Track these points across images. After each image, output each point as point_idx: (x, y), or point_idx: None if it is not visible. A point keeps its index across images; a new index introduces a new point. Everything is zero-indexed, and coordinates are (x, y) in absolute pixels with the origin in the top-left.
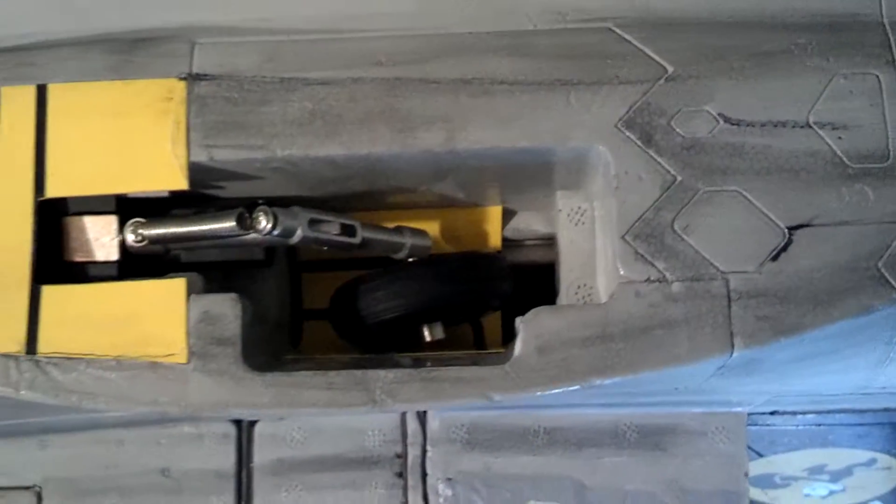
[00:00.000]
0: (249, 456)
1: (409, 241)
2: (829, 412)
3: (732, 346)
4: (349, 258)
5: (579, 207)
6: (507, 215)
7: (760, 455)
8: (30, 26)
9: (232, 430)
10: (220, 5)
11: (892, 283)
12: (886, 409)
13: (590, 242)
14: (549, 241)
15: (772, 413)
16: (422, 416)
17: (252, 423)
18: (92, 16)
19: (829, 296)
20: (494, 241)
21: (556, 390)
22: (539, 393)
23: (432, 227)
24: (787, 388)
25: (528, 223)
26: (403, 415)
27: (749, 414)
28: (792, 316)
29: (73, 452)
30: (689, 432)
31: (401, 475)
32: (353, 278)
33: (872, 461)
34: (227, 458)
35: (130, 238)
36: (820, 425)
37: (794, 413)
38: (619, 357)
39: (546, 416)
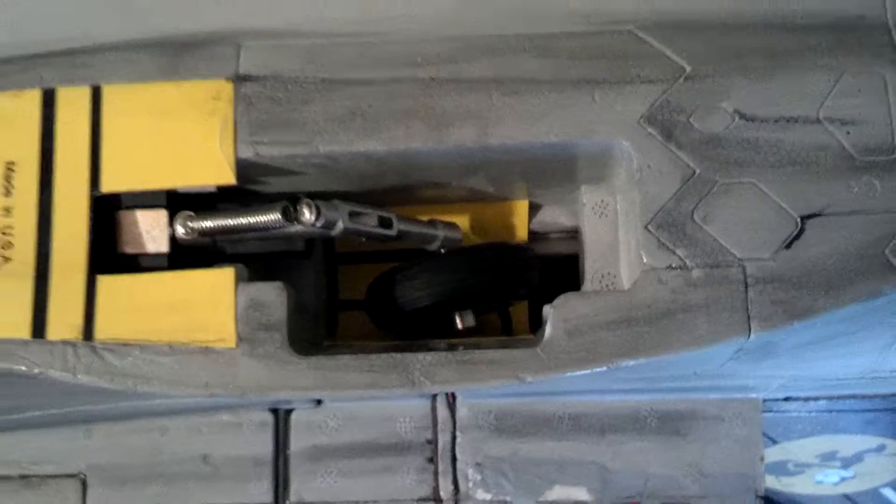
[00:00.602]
0: (286, 443)
1: (441, 233)
2: (839, 398)
3: (749, 329)
4: (383, 251)
5: (602, 200)
6: (534, 209)
7: (775, 442)
8: (84, 30)
9: (269, 418)
10: (263, 11)
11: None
12: (895, 395)
13: (612, 234)
14: (574, 234)
15: (785, 399)
16: (451, 404)
17: (288, 412)
18: (143, 21)
19: (840, 281)
20: (521, 233)
21: (585, 371)
22: (569, 374)
23: (462, 221)
24: (800, 372)
25: (554, 216)
26: (434, 402)
27: (763, 400)
28: (805, 300)
29: (118, 441)
30: (706, 418)
31: (431, 460)
32: (390, 268)
33: (882, 447)
34: (264, 446)
35: (180, 231)
36: (831, 411)
37: (807, 399)
38: (644, 339)
39: (570, 403)
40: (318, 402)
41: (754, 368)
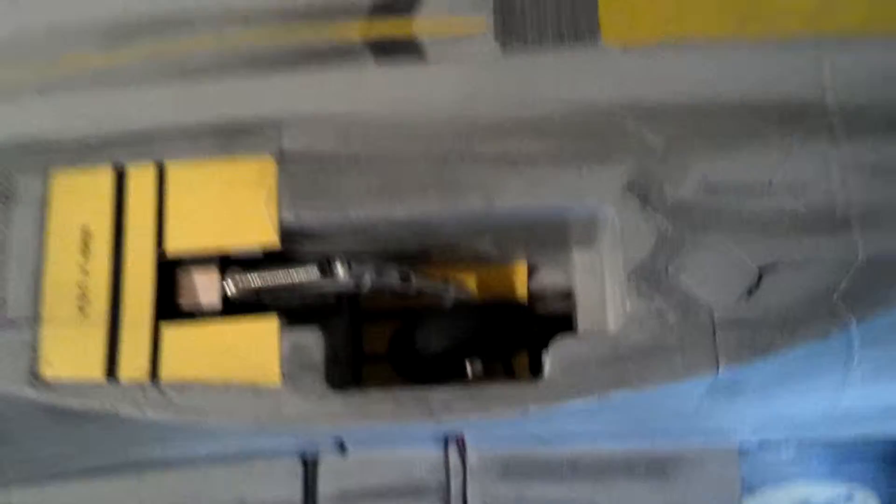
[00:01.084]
0: (315, 488)
1: (452, 290)
2: (810, 444)
3: (718, 365)
4: (401, 310)
5: (591, 261)
6: (532, 271)
7: (752, 489)
8: (151, 117)
9: (299, 466)
10: (301, 100)
11: (844, 313)
12: (862, 441)
13: (601, 290)
14: (568, 293)
15: (760, 446)
16: (462, 451)
17: (316, 461)
18: (200, 110)
19: (794, 323)
20: (521, 292)
21: (580, 402)
22: (566, 405)
23: (469, 281)
24: (768, 412)
25: (550, 277)
26: (446, 450)
27: (740, 447)
28: (765, 339)
29: (165, 486)
30: (689, 462)
31: (447, 502)
32: (411, 321)
33: (850, 496)
34: (295, 491)
35: (231, 288)
36: (802, 458)
37: (779, 445)
38: (629, 374)
39: (569, 451)
40: (343, 449)
41: (727, 408)
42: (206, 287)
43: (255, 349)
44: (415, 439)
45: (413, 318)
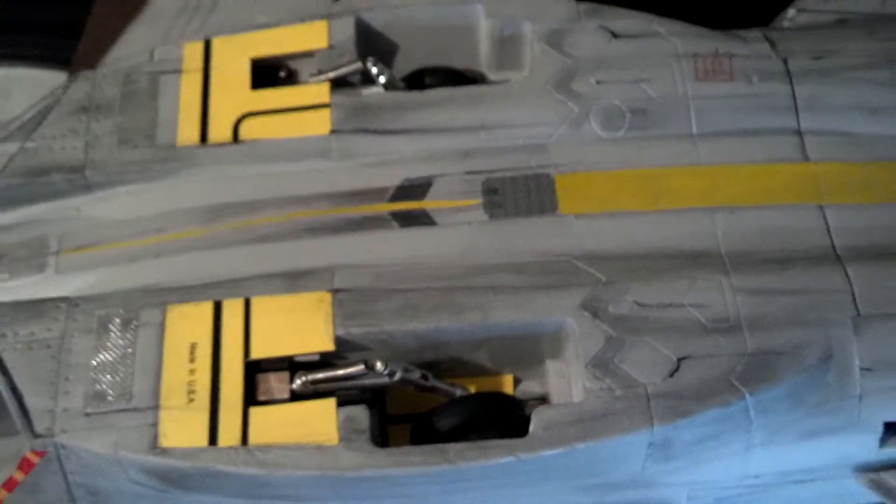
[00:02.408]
0: None
1: (459, 389)
2: None
3: (653, 423)
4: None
5: (560, 369)
6: (516, 382)
7: None
8: (239, 268)
9: None
10: (346, 255)
11: (740, 388)
12: None
13: (568, 390)
14: (544, 398)
15: None
16: None
17: None
18: (275, 262)
19: (704, 395)
20: None
21: (558, 451)
22: (546, 453)
23: (470, 387)
24: (696, 476)
25: (530, 386)
26: None
27: None
28: (684, 406)
29: None
30: None
31: None
32: (428, 412)
33: None
34: None
35: (298, 384)
36: None
37: None
38: (590, 430)
39: None
40: None
41: (665, 471)
42: (278, 384)
43: (318, 421)
44: None
45: (429, 412)
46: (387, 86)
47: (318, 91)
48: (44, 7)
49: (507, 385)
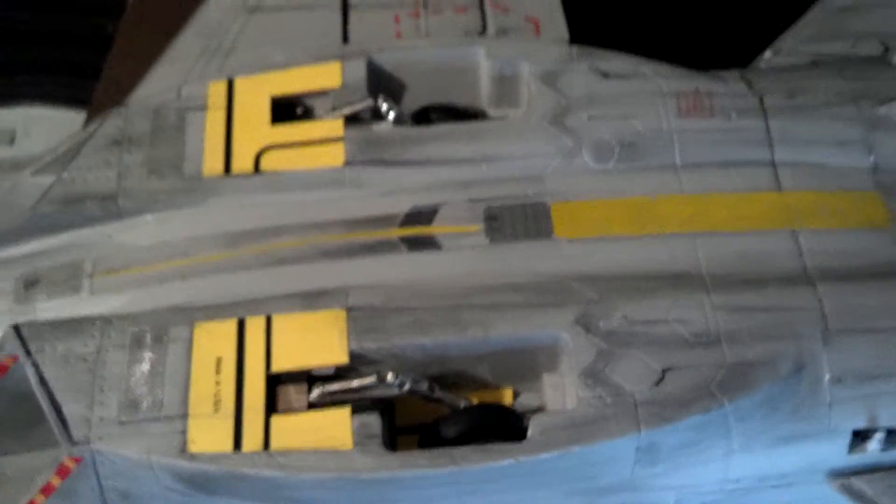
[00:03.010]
0: None
1: (463, 401)
2: None
3: (640, 427)
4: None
5: (556, 382)
6: (515, 395)
7: None
8: (260, 288)
9: None
10: (360, 276)
11: (720, 397)
12: None
13: (563, 402)
14: (541, 409)
15: None
16: None
17: None
18: (294, 283)
19: (686, 403)
20: None
21: (554, 453)
22: (544, 455)
23: (473, 399)
24: (683, 481)
25: (528, 399)
26: None
27: None
28: (668, 412)
29: None
30: None
31: None
32: (435, 419)
33: None
34: None
35: (315, 395)
36: None
37: None
38: (583, 434)
39: None
40: None
41: (653, 475)
42: (297, 395)
43: (334, 427)
44: None
45: (435, 421)
46: (396, 121)
47: (332, 126)
48: (63, 49)
49: (507, 398)
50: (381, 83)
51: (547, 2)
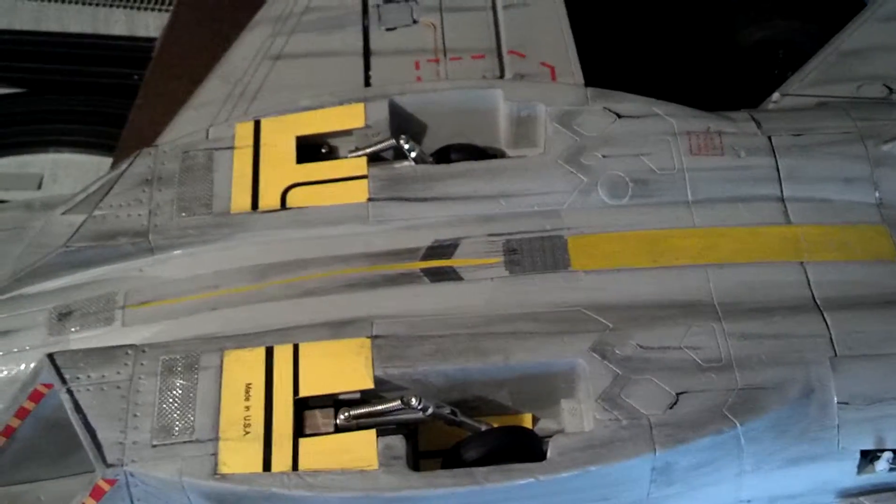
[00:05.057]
0: None
1: (483, 426)
2: None
3: (654, 448)
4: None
5: (573, 407)
6: (534, 421)
7: None
8: (287, 319)
9: None
10: (383, 307)
11: (732, 419)
12: None
13: (581, 425)
14: (559, 432)
15: None
16: None
17: None
18: (319, 314)
19: (700, 425)
20: None
21: (572, 472)
22: (562, 475)
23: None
24: (695, 501)
25: (546, 424)
26: None
27: None
28: (682, 434)
29: None
30: None
31: None
32: (457, 442)
33: None
34: None
35: (341, 419)
36: None
37: None
38: (600, 454)
39: None
40: None
41: (667, 496)
42: (323, 419)
43: (360, 449)
44: None
45: (457, 444)
46: (417, 160)
47: (356, 164)
48: (90, 98)
49: (527, 423)
50: (403, 124)
51: (563, 48)
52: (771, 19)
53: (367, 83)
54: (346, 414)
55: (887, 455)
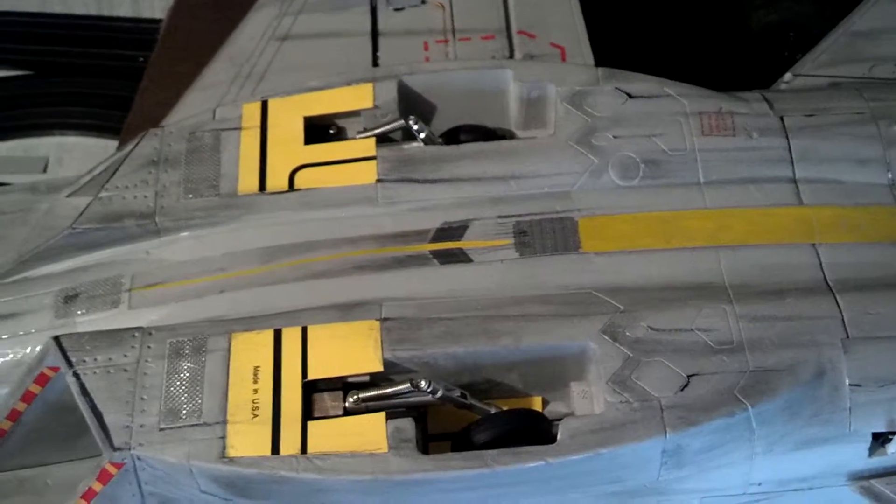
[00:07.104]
0: None
1: (493, 409)
2: None
3: (665, 431)
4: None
5: (584, 390)
6: (544, 404)
7: None
8: (296, 301)
9: None
10: (392, 289)
11: (743, 401)
12: None
13: (591, 408)
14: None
15: None
16: None
17: None
18: (328, 296)
19: (711, 407)
20: None
21: (584, 455)
22: (572, 458)
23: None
24: (706, 484)
25: (556, 407)
26: None
27: None
28: (693, 416)
29: None
30: None
31: None
32: (467, 425)
33: None
34: None
35: (350, 402)
36: None
37: None
38: (611, 437)
39: None
40: None
41: (678, 478)
42: (332, 402)
43: (370, 432)
44: None
45: (467, 427)
46: (426, 141)
47: (364, 145)
48: (95, 81)
49: (537, 406)
50: (412, 104)
51: (573, 28)
52: (782, 1)
53: (375, 64)
54: (356, 397)
55: None
